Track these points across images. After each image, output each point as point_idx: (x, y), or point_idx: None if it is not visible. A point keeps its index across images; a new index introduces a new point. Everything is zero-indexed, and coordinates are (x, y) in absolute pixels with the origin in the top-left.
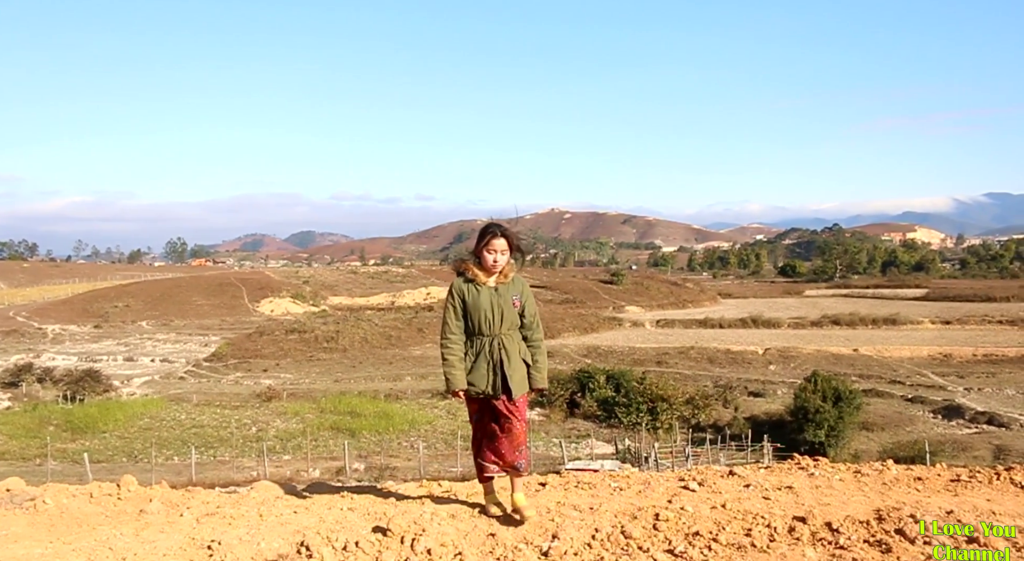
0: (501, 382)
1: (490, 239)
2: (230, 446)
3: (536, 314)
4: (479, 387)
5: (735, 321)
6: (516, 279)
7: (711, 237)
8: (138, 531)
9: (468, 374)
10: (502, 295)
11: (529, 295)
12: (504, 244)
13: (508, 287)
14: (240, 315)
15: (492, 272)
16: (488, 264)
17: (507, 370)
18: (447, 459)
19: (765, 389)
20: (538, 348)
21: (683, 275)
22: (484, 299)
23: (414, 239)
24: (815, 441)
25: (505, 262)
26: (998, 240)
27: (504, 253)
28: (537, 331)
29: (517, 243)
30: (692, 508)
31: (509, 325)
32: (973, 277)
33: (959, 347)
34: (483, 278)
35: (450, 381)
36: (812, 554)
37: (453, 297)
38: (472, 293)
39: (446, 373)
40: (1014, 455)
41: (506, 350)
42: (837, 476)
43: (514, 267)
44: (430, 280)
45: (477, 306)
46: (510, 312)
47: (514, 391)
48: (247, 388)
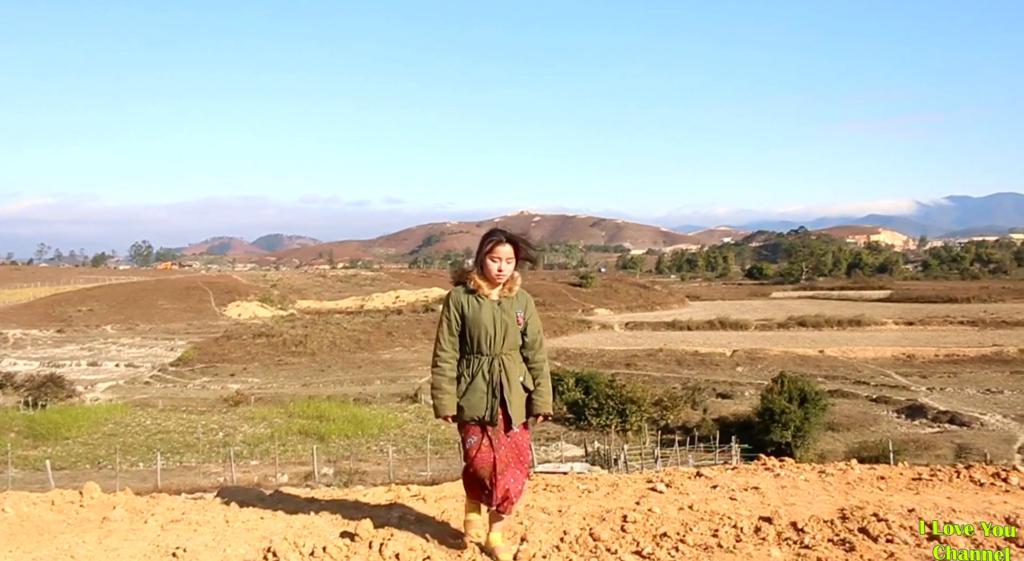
0: (501, 407)
1: (494, 245)
2: (196, 452)
3: (540, 333)
4: (475, 412)
5: (703, 323)
6: (521, 293)
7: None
8: (101, 539)
9: (462, 397)
10: (506, 310)
11: (533, 311)
12: (510, 251)
13: (512, 301)
14: (207, 319)
15: (496, 283)
16: (492, 273)
17: (507, 395)
18: (417, 463)
19: (733, 390)
20: (540, 371)
21: (652, 278)
22: (486, 313)
23: (383, 242)
24: (782, 442)
25: (511, 272)
26: (959, 242)
27: (510, 262)
28: (540, 352)
29: (525, 251)
30: (660, 509)
31: (511, 344)
32: (935, 279)
33: (922, 348)
34: (486, 290)
35: (437, 406)
36: (777, 554)
37: (450, 309)
38: (473, 306)
39: (433, 396)
40: (975, 453)
41: (507, 372)
42: (802, 476)
43: (519, 279)
44: (399, 283)
45: (478, 321)
46: (513, 329)
47: (514, 419)
48: (214, 393)
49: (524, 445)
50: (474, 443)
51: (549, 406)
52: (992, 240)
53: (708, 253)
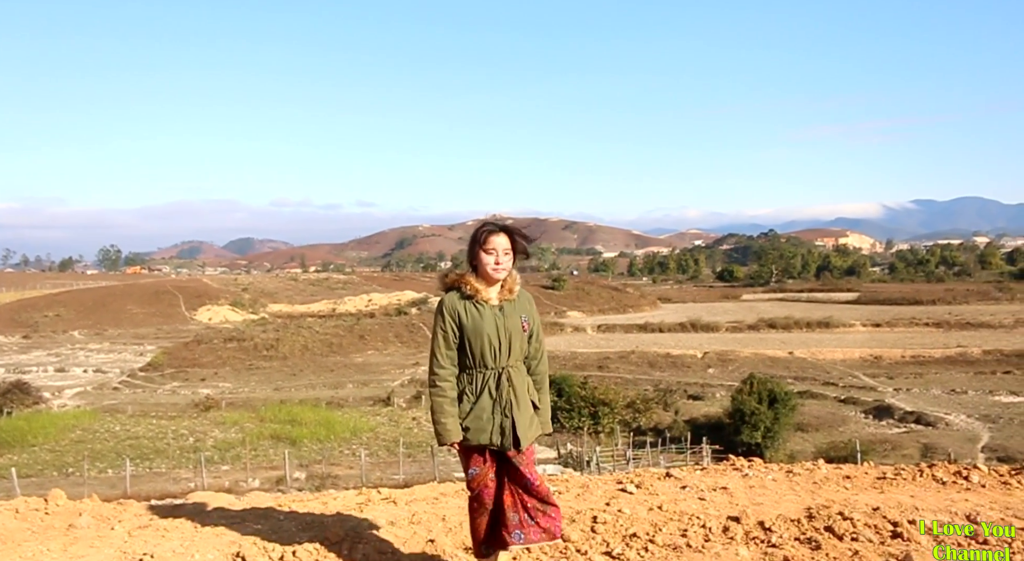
0: (511, 426)
1: (488, 236)
2: (166, 457)
3: (542, 339)
4: (483, 438)
5: (675, 325)
6: (522, 294)
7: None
8: (66, 546)
9: (465, 419)
10: (508, 315)
11: (536, 315)
12: (506, 241)
13: (514, 305)
14: (177, 323)
15: (494, 281)
16: (489, 269)
17: (516, 414)
18: (390, 466)
19: (704, 392)
20: (542, 385)
21: (624, 280)
22: (487, 321)
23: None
24: (752, 442)
25: (509, 265)
26: (924, 245)
27: (507, 253)
28: (542, 362)
29: (521, 242)
30: (629, 510)
31: (517, 355)
32: (901, 281)
33: (888, 349)
34: (484, 293)
35: (440, 432)
36: (745, 553)
37: (445, 319)
38: (472, 314)
39: (435, 421)
40: (940, 453)
41: (515, 388)
42: (770, 476)
43: (518, 278)
44: (372, 287)
45: (479, 331)
46: (519, 338)
47: (523, 440)
48: (184, 398)
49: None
50: (478, 474)
51: (549, 425)
52: (956, 243)
53: (679, 256)
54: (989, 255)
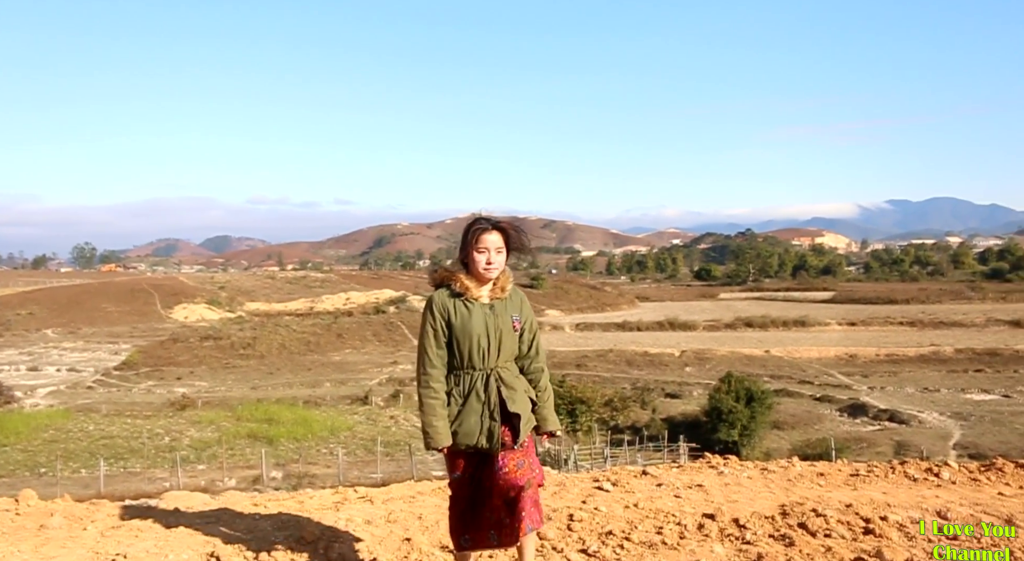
0: (500, 429)
1: (480, 234)
2: (141, 457)
3: (538, 337)
4: (469, 440)
5: (652, 324)
6: (515, 293)
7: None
8: (37, 547)
9: (453, 421)
10: (499, 314)
11: (530, 313)
12: (499, 239)
13: (506, 303)
14: (152, 322)
15: (485, 280)
16: (480, 268)
17: (512, 408)
18: (367, 465)
19: (681, 390)
20: (540, 382)
21: (602, 279)
22: (477, 320)
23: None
24: (729, 440)
25: (502, 264)
26: (899, 245)
27: (500, 252)
28: (538, 360)
29: (516, 239)
30: (606, 508)
31: (508, 355)
32: (876, 280)
33: (863, 348)
34: (475, 291)
35: (430, 435)
36: (720, 550)
37: (434, 317)
38: (460, 312)
39: (425, 424)
40: (913, 450)
41: (507, 387)
42: (745, 474)
43: (511, 276)
44: (350, 285)
45: (467, 329)
46: (510, 337)
47: (522, 433)
48: (160, 397)
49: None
50: (460, 478)
51: (557, 422)
52: (930, 243)
53: (657, 255)
54: (962, 255)
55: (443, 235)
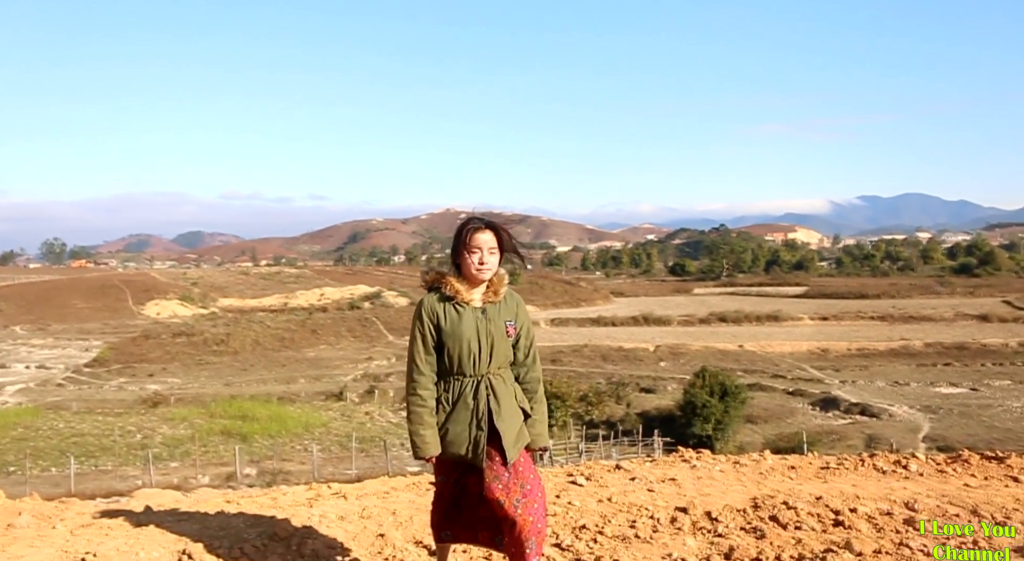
0: (487, 441)
1: (471, 233)
2: (113, 455)
3: (534, 344)
4: (456, 449)
5: (627, 319)
6: (509, 296)
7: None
8: (4, 546)
9: (440, 428)
10: (492, 319)
11: (526, 319)
12: (492, 239)
13: (499, 308)
14: (124, 318)
15: (478, 282)
16: (472, 269)
17: (498, 423)
18: (342, 462)
19: (656, 385)
20: (535, 393)
21: (577, 274)
22: (467, 324)
23: (307, 239)
24: (703, 434)
25: (495, 265)
26: (870, 240)
27: (493, 253)
28: (534, 369)
29: (509, 241)
30: (579, 502)
31: (500, 362)
32: (848, 275)
33: (835, 342)
34: (465, 294)
35: (417, 445)
36: (692, 543)
37: (423, 322)
38: (451, 316)
39: (412, 432)
40: (883, 443)
41: (496, 396)
42: (717, 467)
43: (506, 279)
44: (324, 281)
45: (457, 334)
46: (502, 343)
47: (509, 452)
48: (132, 394)
49: (532, 477)
50: (445, 482)
51: (547, 438)
52: (901, 238)
53: (632, 250)
54: (931, 250)
55: (418, 231)
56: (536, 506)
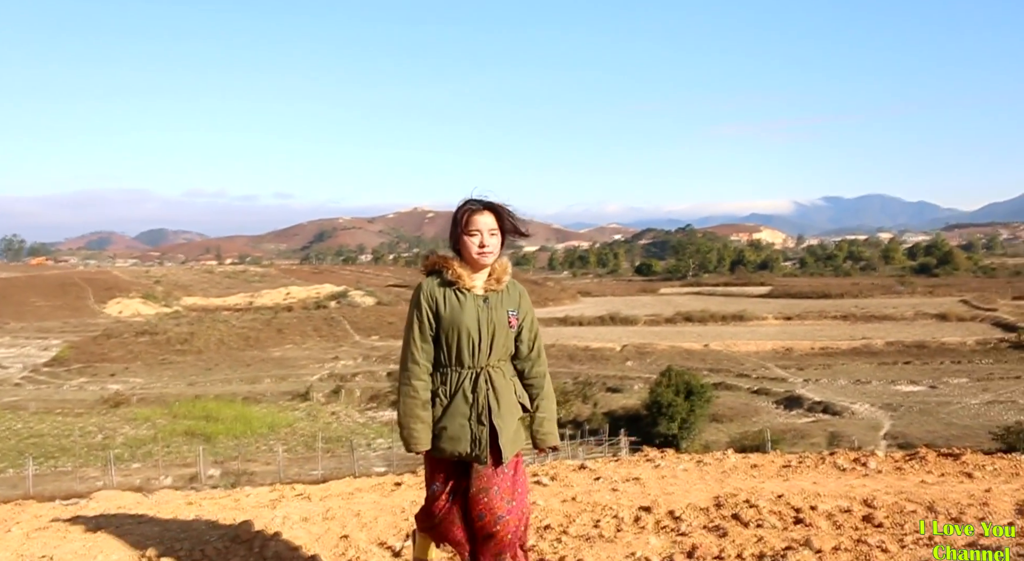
0: (488, 438)
1: (469, 215)
2: (72, 456)
3: (539, 337)
4: (455, 446)
5: (594, 319)
6: (512, 285)
7: (571, 237)
8: None
9: (436, 424)
10: (494, 308)
11: (529, 309)
12: (492, 221)
13: (501, 296)
14: (85, 317)
15: (479, 267)
16: (473, 253)
17: (496, 419)
18: (308, 462)
19: (622, 384)
20: (541, 388)
21: (544, 274)
22: (468, 312)
23: (273, 238)
24: (669, 434)
25: (497, 248)
26: (833, 241)
27: (494, 235)
28: (540, 363)
29: (511, 222)
30: (544, 502)
31: (501, 354)
32: (811, 275)
33: (799, 341)
34: (467, 280)
35: (408, 439)
36: (655, 542)
37: (421, 307)
38: (451, 302)
39: (403, 425)
40: (845, 440)
41: (495, 391)
42: (681, 466)
43: (509, 267)
44: (290, 280)
45: (457, 322)
46: (504, 334)
47: (505, 452)
48: (92, 394)
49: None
50: (437, 491)
51: (556, 436)
52: (863, 239)
53: (599, 250)
54: (892, 250)
55: (385, 230)
56: (520, 518)
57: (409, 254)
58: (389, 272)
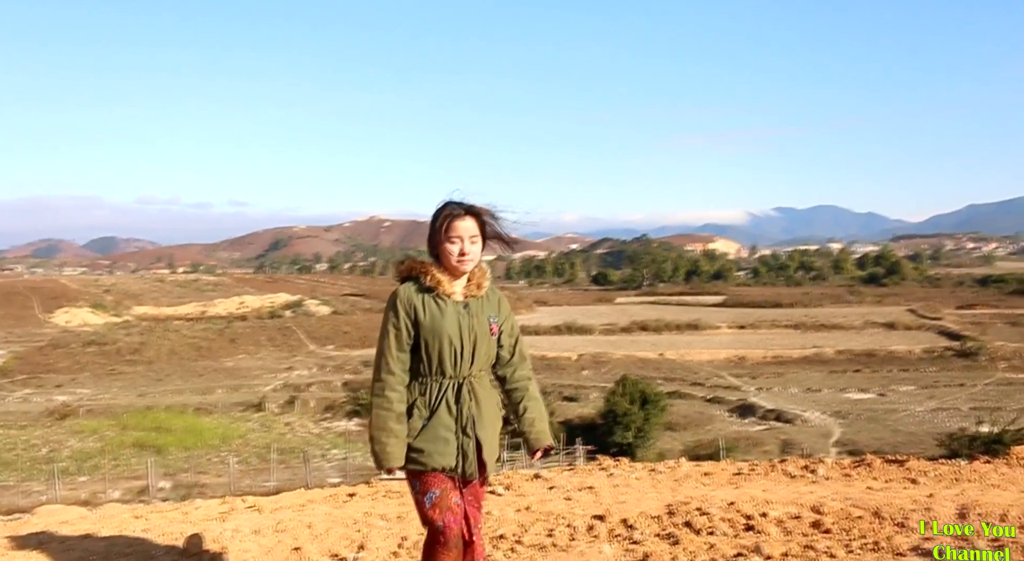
0: (475, 451)
1: (450, 221)
2: (15, 469)
3: (520, 341)
4: (441, 460)
5: (550, 328)
6: (492, 291)
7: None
8: None
9: (417, 438)
10: (475, 315)
11: (510, 315)
12: (473, 226)
13: (482, 303)
14: (30, 327)
15: (459, 274)
16: (452, 260)
17: (479, 431)
18: (260, 474)
19: (579, 394)
20: (527, 391)
21: (501, 283)
22: (449, 319)
23: (227, 246)
24: (624, 442)
25: (478, 255)
26: (785, 251)
27: (475, 242)
28: (523, 367)
29: (493, 226)
30: (498, 512)
31: (482, 363)
32: (764, 285)
33: (752, 350)
34: (447, 286)
35: (379, 454)
36: (609, 550)
37: (398, 314)
38: (430, 309)
39: (374, 440)
40: (797, 448)
41: (478, 401)
42: (634, 475)
43: (488, 272)
44: (244, 289)
45: (439, 330)
46: (485, 342)
47: (489, 464)
48: (38, 405)
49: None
50: (439, 496)
51: (549, 435)
52: (814, 249)
53: (556, 259)
54: (842, 260)
55: (341, 238)
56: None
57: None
58: (345, 281)
